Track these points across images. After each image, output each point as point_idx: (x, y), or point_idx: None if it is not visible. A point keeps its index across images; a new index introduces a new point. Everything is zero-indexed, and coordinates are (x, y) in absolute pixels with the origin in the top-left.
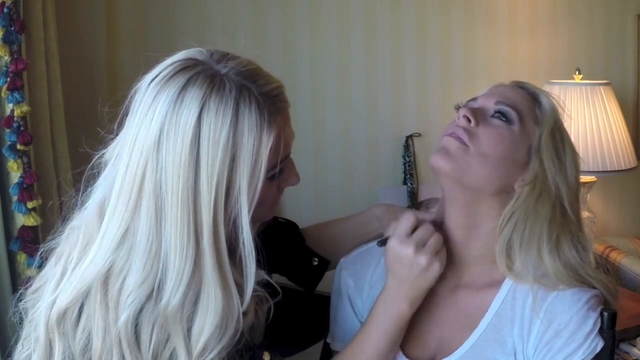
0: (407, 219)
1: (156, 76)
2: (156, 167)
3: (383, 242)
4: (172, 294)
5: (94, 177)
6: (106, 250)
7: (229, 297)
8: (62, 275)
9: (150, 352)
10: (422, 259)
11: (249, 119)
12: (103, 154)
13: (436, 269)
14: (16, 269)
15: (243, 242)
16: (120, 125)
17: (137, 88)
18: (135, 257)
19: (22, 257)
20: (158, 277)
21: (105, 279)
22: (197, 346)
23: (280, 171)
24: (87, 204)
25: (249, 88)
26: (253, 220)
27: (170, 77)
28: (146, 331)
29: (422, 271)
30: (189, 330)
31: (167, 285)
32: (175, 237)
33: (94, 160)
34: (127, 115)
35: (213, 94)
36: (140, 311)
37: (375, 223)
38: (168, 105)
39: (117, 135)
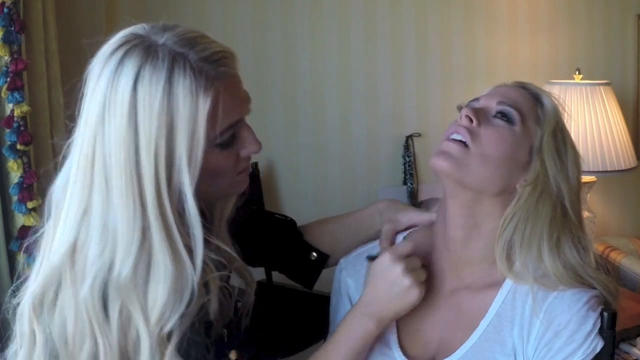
0: (407, 245)
1: (100, 55)
2: (103, 141)
3: (372, 258)
4: (123, 264)
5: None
6: (69, 229)
7: (180, 265)
8: (40, 263)
9: (117, 328)
10: (407, 280)
11: (183, 85)
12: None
13: (415, 294)
14: (16, 269)
15: (189, 211)
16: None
17: (88, 70)
18: (93, 231)
19: (22, 257)
20: (111, 249)
21: (72, 257)
22: (154, 315)
23: (233, 138)
24: (51, 191)
25: (184, 55)
26: (221, 192)
27: (111, 54)
28: (113, 307)
29: (402, 291)
30: (145, 301)
31: (118, 256)
32: (122, 208)
33: (64, 149)
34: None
35: (147, 63)
36: (105, 286)
37: (378, 219)
38: (107, 79)
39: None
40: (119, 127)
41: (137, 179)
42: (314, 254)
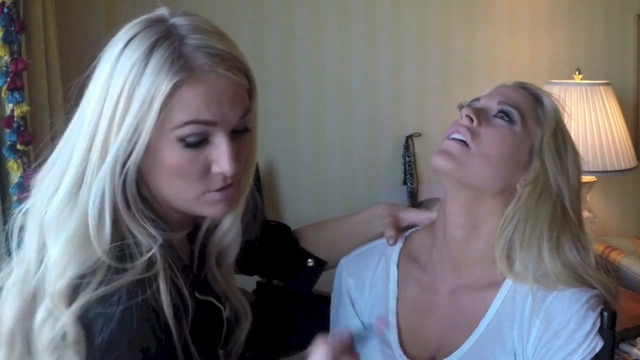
0: (345, 340)
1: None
2: (88, 95)
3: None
4: (54, 200)
5: None
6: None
7: (85, 226)
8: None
9: (35, 259)
10: None
11: (157, 60)
12: None
13: None
14: None
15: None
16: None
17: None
18: (55, 170)
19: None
20: (57, 186)
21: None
22: (52, 262)
23: (203, 142)
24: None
25: (182, 36)
26: (186, 200)
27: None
28: (32, 237)
29: None
30: (55, 245)
31: (57, 193)
32: (77, 150)
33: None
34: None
35: (143, 32)
36: (42, 217)
37: (377, 222)
38: (110, 45)
39: None
40: (99, 81)
41: (95, 130)
42: (311, 260)
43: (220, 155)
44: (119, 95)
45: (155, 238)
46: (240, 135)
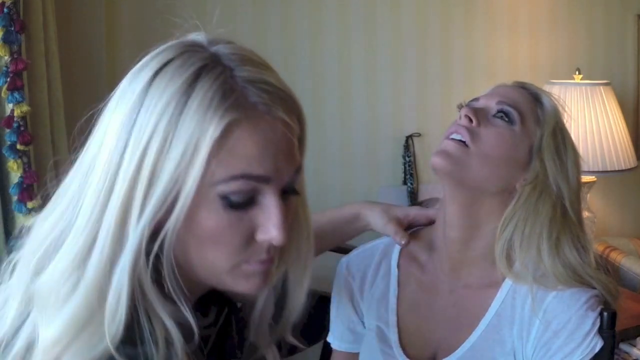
0: None
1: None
2: (105, 128)
3: None
4: (54, 271)
5: None
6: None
7: (95, 305)
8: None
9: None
10: None
11: (203, 95)
12: None
13: None
14: None
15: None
16: None
17: None
18: (50, 216)
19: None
20: (55, 247)
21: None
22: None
23: (249, 203)
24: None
25: (229, 67)
26: (214, 273)
27: (155, 50)
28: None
29: None
30: (49, 323)
31: (57, 260)
32: (85, 206)
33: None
34: None
35: (180, 58)
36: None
37: (357, 223)
38: (136, 68)
39: None
40: (116, 119)
41: (113, 177)
42: None
43: (270, 220)
44: (150, 138)
45: (184, 325)
46: (287, 197)
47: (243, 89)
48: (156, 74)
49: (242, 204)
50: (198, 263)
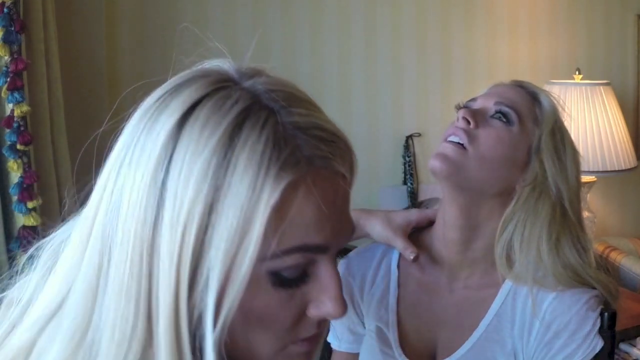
0: None
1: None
2: (111, 194)
3: None
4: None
5: None
6: (34, 323)
7: None
8: None
9: None
10: None
11: (252, 149)
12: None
13: None
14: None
15: (201, 350)
16: None
17: None
18: (58, 336)
19: (22, 257)
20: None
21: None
22: None
23: (302, 276)
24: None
25: (272, 109)
26: (254, 355)
27: (172, 82)
28: None
29: None
30: None
31: (56, 342)
32: (113, 314)
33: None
34: None
35: (212, 98)
36: None
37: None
38: (150, 105)
39: None
40: (139, 178)
41: (148, 270)
42: None
43: (326, 293)
44: (189, 212)
45: None
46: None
47: (294, 139)
48: (184, 119)
49: (294, 280)
50: (243, 348)
